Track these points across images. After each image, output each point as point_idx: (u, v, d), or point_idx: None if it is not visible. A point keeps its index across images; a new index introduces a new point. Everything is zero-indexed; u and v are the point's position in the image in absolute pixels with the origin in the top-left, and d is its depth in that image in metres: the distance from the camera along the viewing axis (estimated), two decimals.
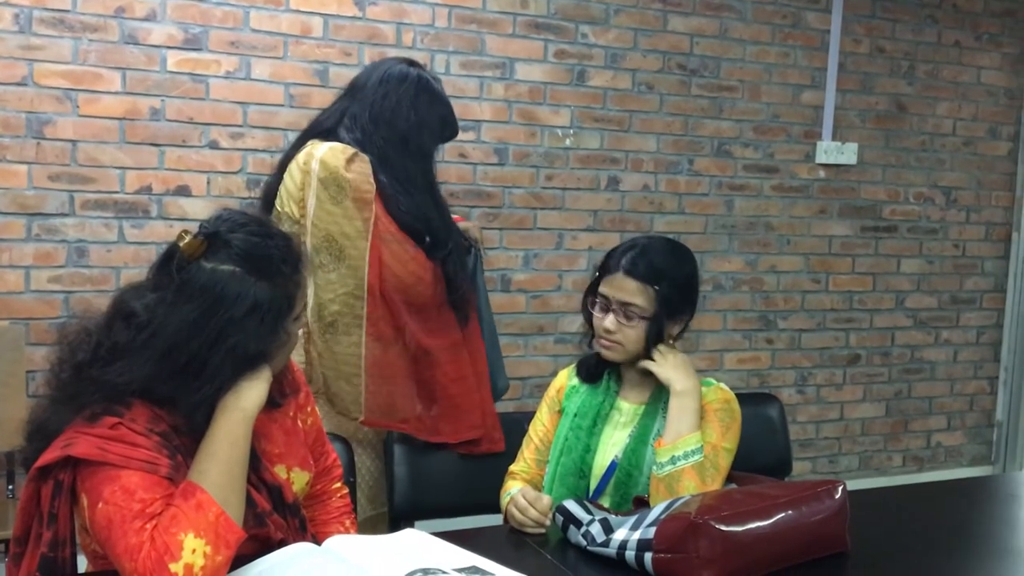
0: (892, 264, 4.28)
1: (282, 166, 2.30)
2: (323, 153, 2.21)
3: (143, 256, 3.04)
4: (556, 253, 3.67)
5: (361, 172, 2.21)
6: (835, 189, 4.12)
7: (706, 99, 3.84)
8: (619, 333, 1.86)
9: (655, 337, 1.86)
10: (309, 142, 2.27)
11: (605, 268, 1.90)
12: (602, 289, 1.89)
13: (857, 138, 4.12)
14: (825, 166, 4.08)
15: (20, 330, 2.91)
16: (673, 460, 1.75)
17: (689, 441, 1.77)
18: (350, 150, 2.22)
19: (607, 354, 1.90)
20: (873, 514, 1.82)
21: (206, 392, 1.39)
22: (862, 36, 4.08)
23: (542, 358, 3.67)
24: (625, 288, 1.85)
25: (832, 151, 4.06)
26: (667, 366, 1.85)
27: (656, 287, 1.84)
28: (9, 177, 2.93)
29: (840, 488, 1.61)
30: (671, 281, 1.85)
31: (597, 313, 1.90)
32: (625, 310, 1.85)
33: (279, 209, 2.24)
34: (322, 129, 2.31)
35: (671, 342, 1.91)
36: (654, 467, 1.77)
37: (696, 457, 1.76)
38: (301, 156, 2.23)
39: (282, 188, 2.25)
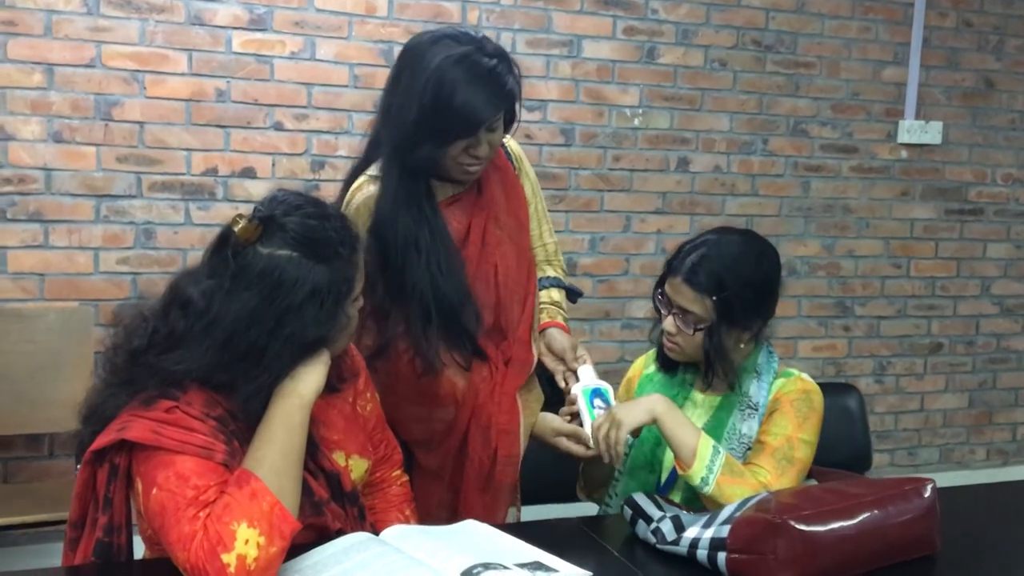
0: (978, 248, 4.08)
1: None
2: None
3: (209, 238, 2.96)
4: (623, 236, 3.58)
5: (358, 205, 1.76)
6: (918, 170, 3.95)
7: (782, 76, 3.69)
8: (679, 336, 1.78)
9: (715, 347, 1.75)
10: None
11: (670, 266, 1.79)
12: (666, 288, 1.79)
13: (942, 116, 3.93)
14: (907, 146, 3.91)
15: (89, 311, 2.94)
16: (708, 473, 1.62)
17: (704, 449, 1.64)
18: (361, 180, 1.80)
19: (669, 354, 1.83)
20: (962, 514, 1.72)
21: (264, 380, 1.35)
22: (948, 9, 3.89)
23: (608, 344, 3.58)
24: (683, 294, 1.75)
25: (915, 130, 3.88)
26: (620, 412, 1.69)
27: (714, 298, 1.72)
28: (78, 159, 2.95)
29: (929, 487, 1.50)
30: (734, 290, 1.72)
31: (662, 310, 1.81)
32: (683, 316, 1.76)
33: None
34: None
35: (741, 346, 1.80)
36: (699, 487, 1.64)
37: (720, 459, 1.63)
38: None
39: None
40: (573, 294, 2.06)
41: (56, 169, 2.93)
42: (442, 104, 1.63)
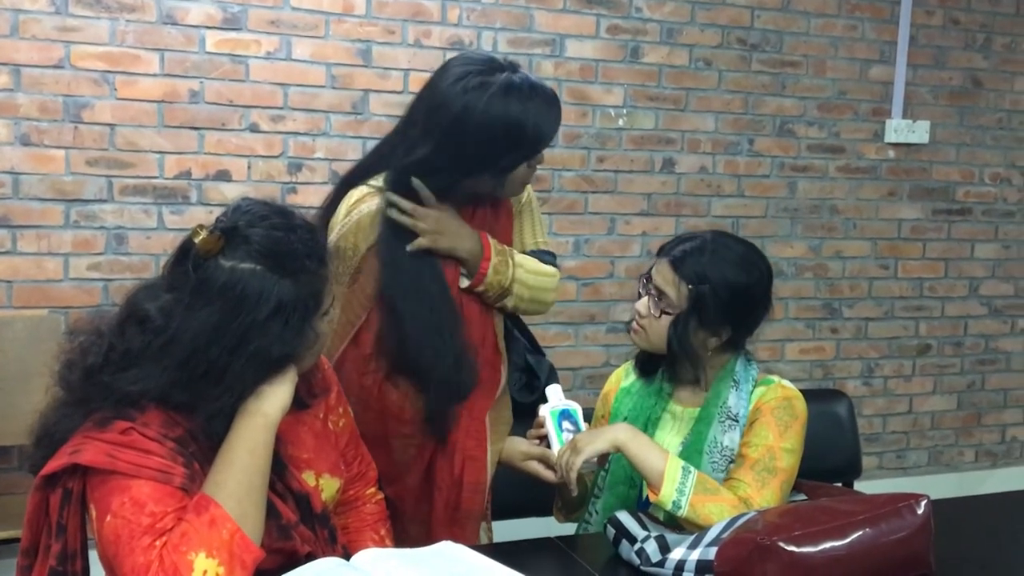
0: (966, 249, 4.04)
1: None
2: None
3: None
4: (608, 239, 3.52)
5: (360, 219, 1.71)
6: (905, 170, 3.90)
7: (768, 75, 3.64)
8: (647, 319, 1.75)
9: (678, 339, 1.71)
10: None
11: (661, 249, 1.81)
12: (652, 269, 1.79)
13: (929, 116, 3.89)
14: (895, 145, 3.86)
15: (58, 319, 2.85)
16: (680, 495, 1.57)
17: (672, 470, 1.58)
18: (364, 190, 1.74)
19: (632, 336, 1.80)
20: (957, 529, 1.66)
21: (226, 400, 1.28)
22: (935, 7, 3.84)
23: (593, 348, 3.52)
24: (663, 275, 1.74)
25: (902, 129, 3.84)
26: (582, 440, 1.66)
27: (691, 287, 1.70)
28: (47, 162, 2.87)
29: (923, 503, 1.45)
30: (712, 286, 1.70)
31: (641, 291, 1.79)
32: (658, 298, 1.74)
33: None
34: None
35: (708, 353, 1.75)
36: (673, 511, 1.59)
37: (691, 478, 1.58)
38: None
39: None
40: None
41: (24, 173, 2.85)
42: (514, 138, 1.68)
